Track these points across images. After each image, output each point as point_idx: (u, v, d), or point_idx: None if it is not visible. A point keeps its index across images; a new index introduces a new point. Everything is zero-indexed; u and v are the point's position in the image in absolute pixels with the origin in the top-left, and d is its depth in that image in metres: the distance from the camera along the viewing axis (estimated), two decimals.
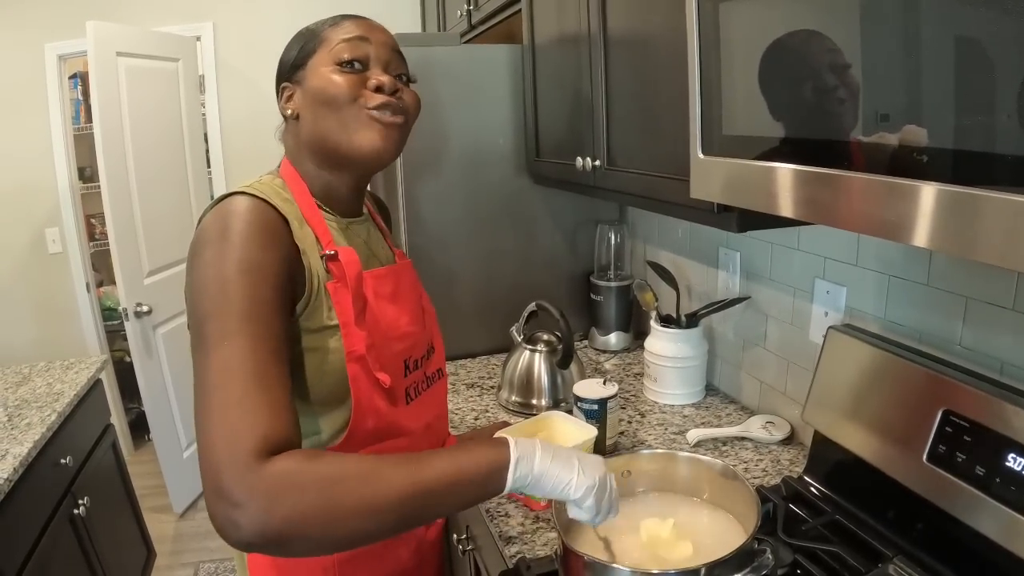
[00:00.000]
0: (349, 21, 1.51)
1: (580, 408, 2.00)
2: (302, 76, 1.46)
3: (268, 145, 4.88)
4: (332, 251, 1.38)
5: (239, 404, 1.08)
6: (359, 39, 1.45)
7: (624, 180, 1.99)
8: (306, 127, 1.46)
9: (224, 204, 1.29)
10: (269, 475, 1.01)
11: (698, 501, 1.54)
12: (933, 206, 0.87)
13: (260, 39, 4.85)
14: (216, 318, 1.15)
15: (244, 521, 0.99)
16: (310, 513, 1.01)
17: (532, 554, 1.62)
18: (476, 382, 2.67)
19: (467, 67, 2.71)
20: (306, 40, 1.49)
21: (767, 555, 1.24)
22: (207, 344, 1.14)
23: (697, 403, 2.37)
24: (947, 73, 0.86)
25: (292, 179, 1.47)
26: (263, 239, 1.25)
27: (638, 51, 1.88)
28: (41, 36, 4.69)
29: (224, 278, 1.18)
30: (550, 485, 1.20)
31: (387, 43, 1.49)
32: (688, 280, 2.58)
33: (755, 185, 1.23)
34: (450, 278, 2.83)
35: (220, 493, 1.00)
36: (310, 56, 1.46)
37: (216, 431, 1.05)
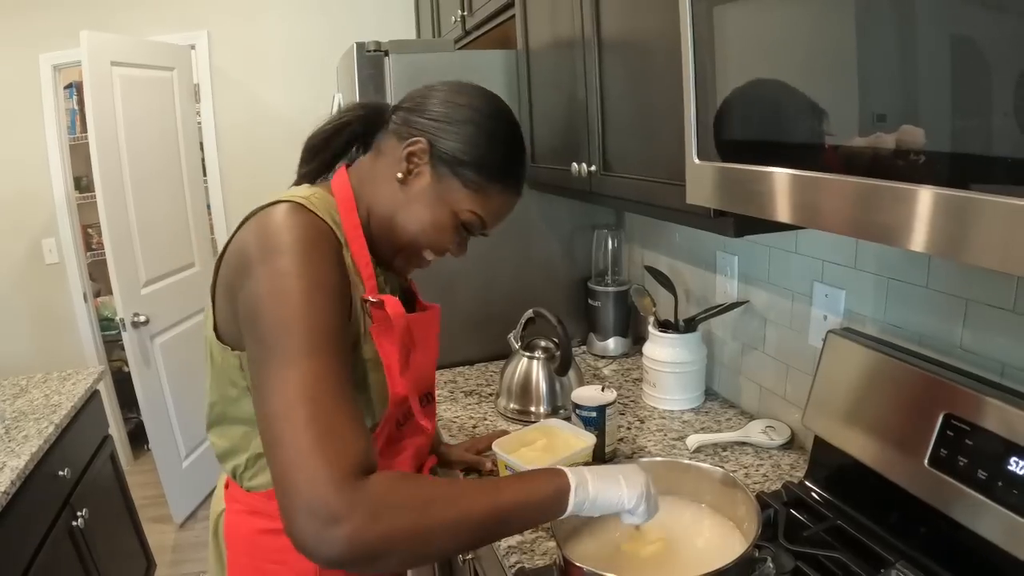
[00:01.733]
0: (506, 201, 1.52)
1: (578, 415, 1.99)
2: (441, 175, 1.41)
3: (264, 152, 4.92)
4: (377, 299, 1.37)
5: (333, 420, 1.09)
6: (490, 225, 1.52)
7: (620, 185, 1.99)
8: (398, 199, 1.43)
9: (272, 212, 1.27)
10: (370, 493, 1.04)
11: (699, 507, 1.53)
12: (930, 210, 0.87)
13: (254, 47, 4.87)
14: (287, 336, 1.14)
15: (341, 537, 1.00)
16: (405, 531, 1.05)
17: (532, 564, 1.61)
18: (474, 389, 2.66)
19: (462, 73, 2.67)
20: (476, 164, 1.42)
21: (768, 564, 1.24)
22: (288, 357, 1.13)
23: (696, 408, 2.35)
24: (943, 76, 0.86)
25: (347, 207, 1.42)
26: (323, 253, 1.25)
27: (632, 55, 1.88)
28: (36, 46, 4.70)
29: (289, 293, 1.17)
30: (605, 504, 1.25)
31: (500, 225, 1.57)
32: (686, 285, 2.58)
33: (750, 190, 1.23)
34: (448, 285, 2.81)
35: (315, 510, 1.01)
36: (463, 184, 1.42)
37: (307, 448, 1.05)
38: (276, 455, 1.07)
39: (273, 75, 4.93)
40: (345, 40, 3.61)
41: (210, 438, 1.50)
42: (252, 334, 1.20)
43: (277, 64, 4.91)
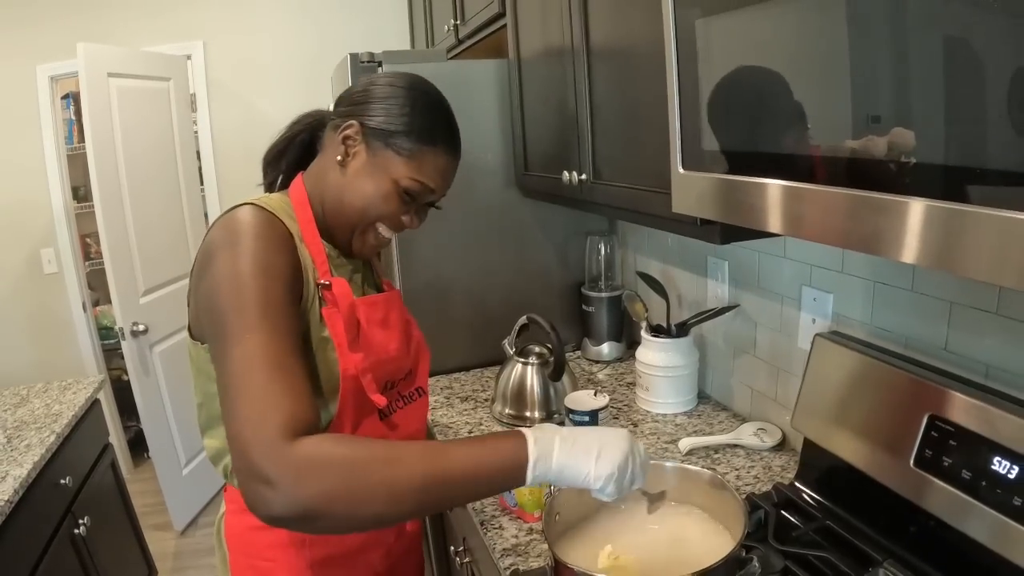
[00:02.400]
0: (442, 164, 1.55)
1: (572, 420, 2.02)
2: (375, 149, 1.49)
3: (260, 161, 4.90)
4: (327, 281, 1.45)
5: (263, 389, 1.15)
6: (431, 189, 1.54)
7: (610, 193, 2.01)
8: (342, 181, 1.51)
9: (234, 213, 1.37)
10: (298, 454, 1.08)
11: (688, 510, 1.55)
12: (918, 221, 0.88)
13: (250, 57, 4.89)
14: (235, 314, 1.23)
15: (275, 497, 1.06)
16: (336, 492, 1.08)
17: (526, 565, 1.63)
18: (470, 395, 2.68)
19: (455, 82, 2.72)
20: (404, 132, 1.48)
21: (754, 563, 1.26)
22: (228, 339, 1.21)
23: (689, 411, 2.38)
24: (929, 85, 0.87)
25: (300, 204, 1.52)
26: (274, 244, 1.34)
27: (620, 65, 1.90)
28: (33, 58, 4.71)
29: (239, 276, 1.26)
30: (570, 478, 1.24)
31: (445, 188, 1.61)
32: (678, 290, 2.60)
33: (735, 200, 1.25)
34: (443, 292, 2.85)
35: (251, 471, 1.08)
36: (396, 153, 1.48)
37: (243, 414, 1.13)
38: (226, 426, 1.16)
39: (268, 85, 4.94)
40: (339, 50, 3.63)
41: (204, 442, 1.53)
42: (209, 319, 1.28)
43: (272, 74, 4.93)
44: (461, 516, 2.29)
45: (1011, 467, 1.26)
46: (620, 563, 1.36)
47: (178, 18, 4.80)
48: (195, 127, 4.94)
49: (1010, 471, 1.26)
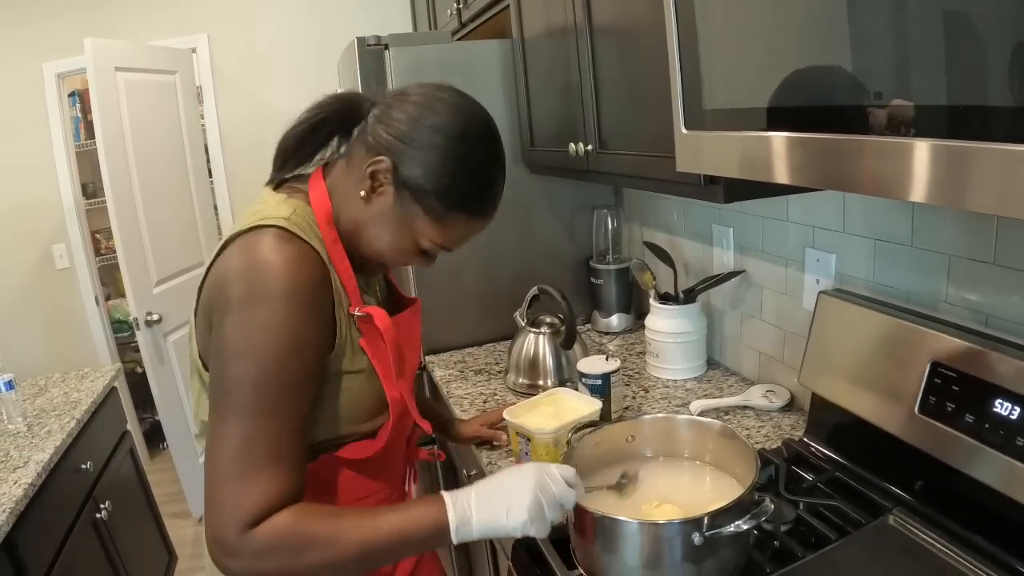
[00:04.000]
0: (471, 230, 1.44)
1: (584, 384, 2.06)
2: (404, 200, 1.34)
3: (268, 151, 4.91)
4: (366, 313, 1.36)
5: (252, 477, 1.19)
6: (454, 248, 1.46)
7: (616, 162, 2.05)
8: (362, 215, 1.38)
9: (259, 249, 1.25)
10: (256, 540, 1.17)
11: (701, 464, 1.59)
12: (923, 161, 0.89)
13: (254, 48, 4.93)
14: (254, 391, 1.20)
15: (233, 568, 1.19)
16: (284, 571, 1.20)
17: None
18: (484, 368, 2.73)
19: (460, 64, 2.77)
20: (439, 193, 1.33)
21: (766, 502, 1.29)
22: (237, 409, 1.20)
23: (699, 377, 2.42)
24: (935, 29, 0.87)
25: (327, 220, 1.38)
26: (311, 305, 1.26)
27: (622, 36, 1.94)
28: (39, 55, 4.76)
29: (261, 353, 1.21)
30: (494, 533, 1.28)
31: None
32: (684, 259, 2.64)
33: (738, 154, 1.28)
34: (453, 270, 2.90)
35: (218, 543, 1.18)
36: (425, 212, 1.35)
37: (226, 494, 1.18)
38: (205, 487, 1.21)
39: (274, 74, 4.98)
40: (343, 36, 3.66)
41: (198, 448, 1.59)
42: (215, 371, 1.25)
43: (277, 63, 4.97)
44: None
45: (1013, 408, 1.29)
46: (662, 509, 1.42)
47: (182, 12, 4.85)
48: (202, 119, 4.99)
49: (1012, 412, 1.29)
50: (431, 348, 2.97)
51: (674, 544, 1.29)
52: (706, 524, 1.26)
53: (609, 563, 1.36)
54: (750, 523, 1.27)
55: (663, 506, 1.44)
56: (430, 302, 2.83)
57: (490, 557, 2.49)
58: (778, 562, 1.41)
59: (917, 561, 1.37)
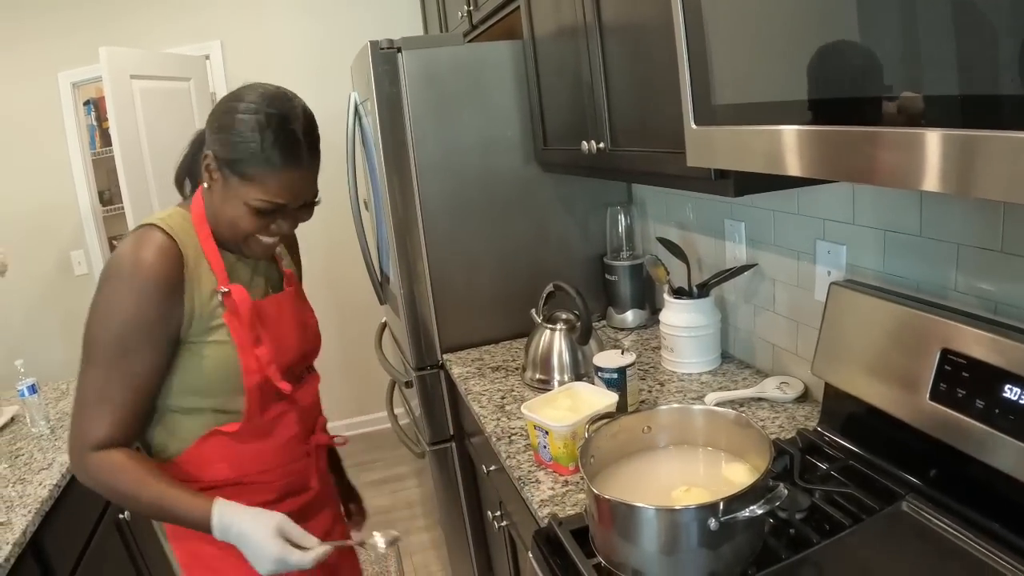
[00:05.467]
0: (287, 180, 1.57)
1: (600, 377, 2.09)
2: (227, 177, 1.57)
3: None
4: (226, 289, 1.63)
5: (88, 413, 1.55)
6: (282, 204, 1.58)
7: (627, 158, 2.07)
8: (212, 203, 1.63)
9: (142, 239, 1.56)
10: (88, 463, 1.54)
11: (716, 452, 1.62)
12: (935, 151, 0.90)
13: (268, 54, 4.96)
14: (92, 344, 1.55)
15: (78, 478, 1.57)
16: (103, 492, 1.57)
17: (564, 514, 1.70)
18: (500, 365, 2.76)
19: (472, 65, 2.80)
20: (245, 159, 1.53)
21: (780, 488, 1.32)
22: (88, 360, 1.56)
23: (713, 370, 2.44)
24: (944, 20, 0.88)
25: (199, 220, 1.64)
26: (151, 286, 1.53)
27: (631, 34, 1.96)
28: (54, 65, 4.79)
29: (108, 316, 1.53)
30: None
31: (305, 194, 1.63)
32: (697, 253, 2.66)
33: (747, 147, 1.30)
34: (469, 269, 2.94)
35: (71, 455, 1.56)
36: (241, 179, 1.55)
37: (73, 423, 1.56)
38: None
39: (287, 79, 4.92)
40: (355, 40, 3.70)
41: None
42: (83, 331, 1.57)
43: (290, 68, 5.00)
44: (498, 480, 2.36)
45: (1023, 394, 1.31)
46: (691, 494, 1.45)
47: (195, 20, 4.88)
48: None
49: (1022, 397, 1.31)
50: (448, 346, 3.00)
51: (691, 529, 1.32)
52: (722, 509, 1.28)
53: (627, 549, 1.39)
54: (765, 508, 1.29)
55: (692, 490, 1.46)
56: (447, 301, 2.88)
57: (509, 548, 2.52)
58: (793, 548, 1.43)
59: (930, 546, 1.39)
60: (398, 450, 5.01)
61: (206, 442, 1.69)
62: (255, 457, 1.75)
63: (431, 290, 2.92)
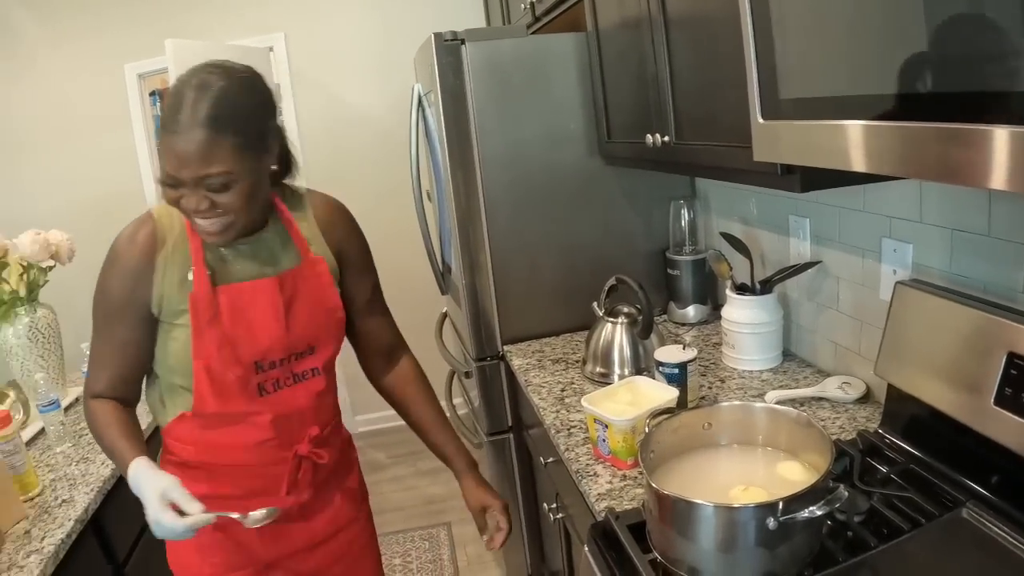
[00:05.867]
0: (172, 147, 1.48)
1: (661, 372, 2.09)
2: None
3: (345, 145, 5.04)
4: (190, 276, 1.66)
5: (92, 369, 1.77)
6: (171, 174, 1.50)
7: (692, 152, 2.06)
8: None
9: (131, 225, 1.70)
10: (86, 408, 1.76)
11: (776, 452, 1.61)
12: (1003, 147, 0.89)
13: (331, 46, 5.03)
14: (94, 316, 1.73)
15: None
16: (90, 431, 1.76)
17: (620, 508, 1.70)
18: (561, 357, 2.77)
19: (535, 57, 2.80)
20: (159, 125, 1.64)
21: (841, 489, 1.31)
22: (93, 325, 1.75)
23: (774, 368, 2.42)
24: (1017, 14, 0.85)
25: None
26: (125, 278, 1.67)
27: (696, 27, 1.95)
28: (120, 57, 4.93)
29: (98, 295, 1.71)
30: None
31: (191, 164, 1.48)
32: (761, 249, 2.64)
33: (815, 143, 1.29)
34: (531, 261, 2.96)
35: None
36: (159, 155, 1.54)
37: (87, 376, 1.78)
38: None
39: (350, 71, 5.09)
40: (417, 32, 3.71)
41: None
42: None
43: (353, 60, 5.08)
44: (555, 472, 2.37)
45: None
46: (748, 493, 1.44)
47: (259, 12, 4.96)
48: (280, 116, 5.05)
49: None
50: (509, 337, 3.02)
51: (748, 528, 1.31)
52: (781, 509, 1.28)
53: (684, 546, 1.39)
54: (824, 509, 1.28)
55: (751, 489, 1.46)
56: (508, 292, 2.89)
57: (563, 540, 2.53)
58: (850, 551, 1.41)
59: (990, 555, 1.36)
60: None
61: (178, 420, 1.77)
62: (219, 448, 1.78)
63: (493, 281, 2.94)
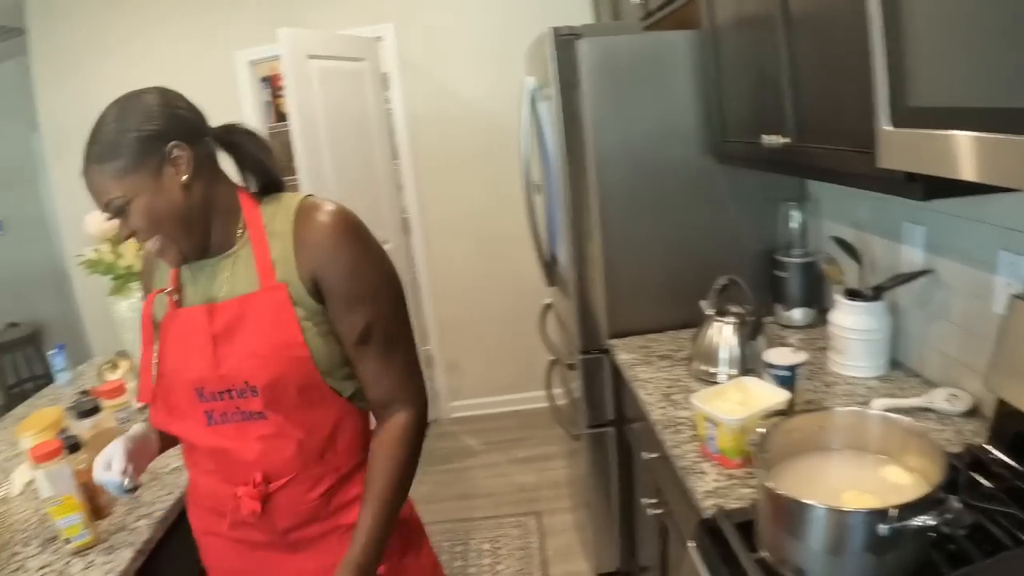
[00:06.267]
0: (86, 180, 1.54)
1: (771, 374, 2.09)
2: None
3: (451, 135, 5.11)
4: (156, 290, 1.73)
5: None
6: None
7: (810, 155, 2.03)
8: None
9: None
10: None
11: (886, 459, 1.60)
12: None
13: (438, 36, 5.11)
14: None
15: None
16: None
17: (727, 507, 1.72)
18: (667, 354, 2.78)
19: (650, 53, 2.82)
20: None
21: (952, 500, 1.31)
22: None
23: (881, 376, 2.39)
24: None
25: None
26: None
27: (821, 27, 1.92)
28: (231, 45, 5.10)
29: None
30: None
31: (95, 193, 1.52)
32: (872, 255, 2.60)
33: (942, 152, 1.27)
34: (640, 257, 2.98)
35: None
36: None
37: None
38: None
39: (458, 62, 5.15)
40: (524, 25, 3.75)
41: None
42: None
43: (461, 52, 5.14)
44: (658, 468, 2.39)
45: None
46: (860, 498, 1.45)
47: (368, 1, 5.07)
48: (388, 104, 5.18)
49: None
50: (615, 332, 3.04)
51: (859, 533, 1.32)
52: (893, 516, 1.28)
53: (793, 546, 1.40)
54: (936, 519, 1.29)
55: (862, 495, 1.46)
56: (617, 287, 2.96)
57: (659, 536, 2.54)
58: (953, 564, 1.40)
59: None
60: (548, 430, 5.10)
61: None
62: (187, 455, 1.79)
63: (602, 275, 2.97)
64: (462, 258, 5.51)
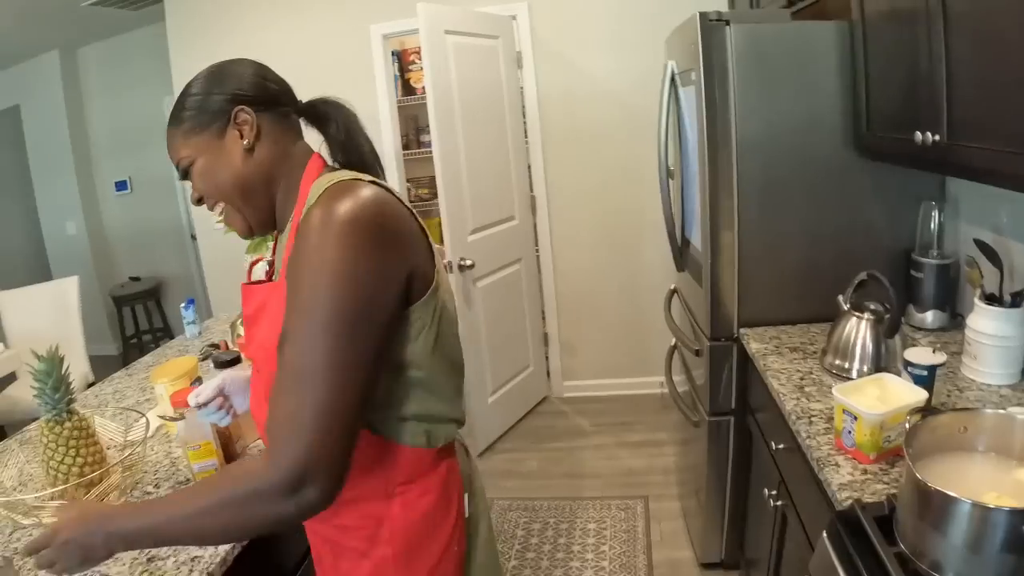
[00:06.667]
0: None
1: (910, 372, 2.07)
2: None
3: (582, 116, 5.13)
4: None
5: None
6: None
7: (966, 154, 2.00)
8: None
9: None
10: None
11: None
12: None
13: (573, 17, 5.13)
14: None
15: None
16: None
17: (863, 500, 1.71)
18: (798, 346, 2.77)
19: (797, 43, 2.81)
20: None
21: None
22: None
23: (1014, 384, 2.34)
24: None
25: None
26: None
27: (981, 23, 1.88)
28: (366, 18, 5.23)
29: None
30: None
31: (171, 152, 1.54)
32: (1012, 261, 2.55)
33: None
34: (775, 247, 2.98)
35: None
36: None
37: None
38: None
39: (591, 44, 5.17)
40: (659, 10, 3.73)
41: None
42: None
43: (594, 34, 5.15)
44: (786, 459, 2.39)
45: None
46: (999, 500, 1.44)
47: None
48: (520, 83, 5.23)
49: None
50: (745, 321, 3.05)
51: (1001, 531, 1.32)
52: None
53: (934, 540, 1.40)
54: None
55: (1003, 498, 1.45)
56: (750, 276, 2.98)
57: (778, 527, 2.54)
58: None
59: None
60: (660, 415, 5.14)
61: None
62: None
63: (736, 263, 2.98)
64: (584, 240, 5.55)
